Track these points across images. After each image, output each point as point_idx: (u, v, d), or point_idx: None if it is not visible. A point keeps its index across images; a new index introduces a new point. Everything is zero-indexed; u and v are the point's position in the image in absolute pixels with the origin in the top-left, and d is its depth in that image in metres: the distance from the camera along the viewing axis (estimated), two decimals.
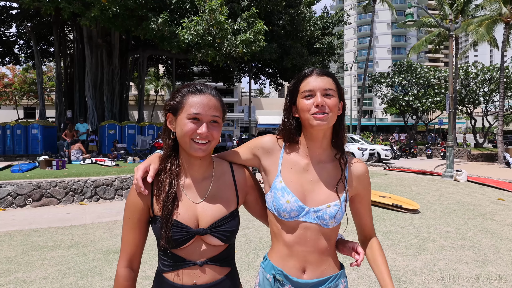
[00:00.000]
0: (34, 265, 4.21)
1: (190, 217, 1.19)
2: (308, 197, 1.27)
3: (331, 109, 1.23)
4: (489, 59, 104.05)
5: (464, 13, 23.56)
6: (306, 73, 1.28)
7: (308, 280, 1.27)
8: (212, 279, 1.21)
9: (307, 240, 1.26)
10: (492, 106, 30.14)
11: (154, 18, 12.41)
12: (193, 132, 1.15)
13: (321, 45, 21.43)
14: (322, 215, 1.24)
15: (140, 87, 22.45)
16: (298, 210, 1.25)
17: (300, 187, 1.27)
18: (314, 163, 1.31)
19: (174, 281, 1.19)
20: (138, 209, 1.21)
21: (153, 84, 41.99)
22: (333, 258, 1.33)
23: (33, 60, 22.46)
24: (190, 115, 1.16)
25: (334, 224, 1.27)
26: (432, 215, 6.53)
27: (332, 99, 1.24)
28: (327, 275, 1.29)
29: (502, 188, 9.35)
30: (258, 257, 4.38)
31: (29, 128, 15.83)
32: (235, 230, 1.24)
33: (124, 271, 1.22)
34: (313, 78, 1.25)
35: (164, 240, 1.15)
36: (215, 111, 1.18)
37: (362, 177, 1.33)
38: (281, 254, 1.30)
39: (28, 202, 7.86)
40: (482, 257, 4.40)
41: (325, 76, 1.26)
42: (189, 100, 1.17)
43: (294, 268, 1.27)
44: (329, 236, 1.29)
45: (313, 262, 1.28)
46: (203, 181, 1.25)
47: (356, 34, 71.56)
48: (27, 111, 37.05)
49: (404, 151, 24.72)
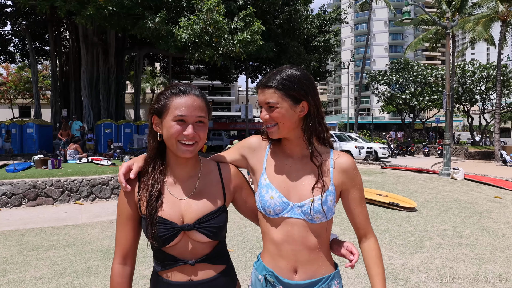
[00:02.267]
0: (29, 265, 4.17)
1: (175, 213, 1.20)
2: (292, 193, 1.26)
3: (277, 120, 1.23)
4: (486, 57, 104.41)
5: (461, 11, 23.61)
6: (257, 85, 1.30)
7: (300, 281, 1.25)
8: (207, 276, 1.22)
9: (295, 237, 1.25)
10: (489, 104, 30.26)
11: (150, 17, 12.34)
12: (179, 134, 1.16)
13: (318, 43, 21.42)
14: (306, 209, 1.23)
15: (136, 85, 22.37)
16: (282, 205, 1.25)
17: (284, 183, 1.28)
18: (296, 159, 1.31)
19: (169, 279, 1.21)
20: (126, 207, 1.23)
21: (150, 83, 41.87)
22: (326, 256, 1.30)
23: (28, 59, 22.34)
24: (175, 117, 1.16)
25: (321, 220, 1.25)
26: (429, 213, 6.54)
27: (275, 111, 1.23)
28: (320, 276, 1.27)
29: (499, 186, 9.38)
30: (255, 256, 4.37)
31: (24, 127, 15.75)
32: (222, 226, 1.24)
33: (118, 268, 1.25)
34: (259, 91, 1.28)
35: (151, 237, 1.17)
36: (200, 112, 1.19)
37: (347, 171, 1.30)
38: (272, 254, 1.29)
39: (24, 201, 7.80)
40: (478, 255, 4.41)
41: (266, 88, 1.24)
42: (173, 102, 1.18)
43: (285, 269, 1.26)
44: (318, 232, 1.27)
45: (303, 261, 1.26)
46: (189, 180, 1.26)
47: (353, 32, 71.60)
48: (22, 110, 36.85)
49: (401, 149, 24.78)
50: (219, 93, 48.99)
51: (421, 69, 30.79)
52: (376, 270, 1.28)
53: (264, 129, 1.31)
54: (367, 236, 1.33)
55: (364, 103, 65.32)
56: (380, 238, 5.04)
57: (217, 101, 49.33)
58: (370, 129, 42.84)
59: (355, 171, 1.32)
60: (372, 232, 1.35)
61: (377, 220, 5.98)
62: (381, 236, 5.13)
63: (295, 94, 1.23)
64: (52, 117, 19.10)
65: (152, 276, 1.29)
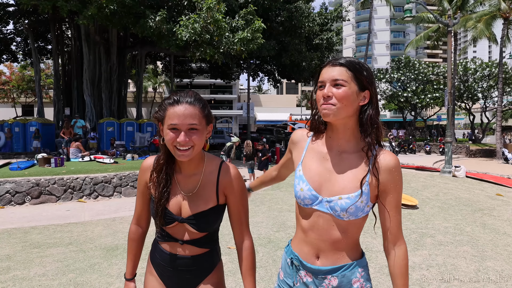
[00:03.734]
0: (33, 262, 4.21)
1: (176, 206, 1.42)
2: (324, 187, 1.26)
3: (339, 100, 1.19)
4: (487, 54, 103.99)
5: (463, 9, 23.52)
6: (324, 63, 1.27)
7: (321, 267, 1.29)
8: (192, 253, 1.45)
9: (319, 228, 1.28)
10: (490, 102, 30.16)
11: (151, 15, 12.35)
12: (173, 141, 1.30)
13: (320, 41, 21.37)
14: (333, 206, 1.24)
15: (138, 84, 22.39)
16: (311, 198, 1.27)
17: (317, 176, 1.28)
18: (335, 153, 1.29)
19: (163, 248, 1.48)
20: (141, 184, 1.51)
21: (152, 81, 41.85)
22: (351, 248, 1.30)
23: (30, 58, 22.34)
24: (169, 126, 1.30)
25: (348, 217, 1.24)
26: (431, 211, 6.55)
27: (341, 89, 1.19)
28: (342, 263, 1.28)
29: (501, 184, 9.37)
30: (257, 253, 4.39)
31: (27, 125, 15.79)
32: (211, 223, 1.42)
33: (133, 227, 1.60)
34: (326, 68, 1.24)
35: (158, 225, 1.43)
36: (191, 119, 1.29)
37: (390, 171, 1.24)
38: (299, 239, 1.36)
39: (27, 199, 7.85)
40: (480, 252, 4.42)
41: (338, 66, 1.22)
42: (168, 112, 1.31)
43: (308, 254, 1.31)
44: (345, 228, 1.26)
45: (325, 251, 1.28)
46: (193, 177, 1.43)
47: (354, 30, 71.40)
48: (25, 109, 36.93)
49: (403, 147, 24.75)
50: (220, 91, 48.93)
51: (423, 67, 30.71)
52: (402, 281, 1.25)
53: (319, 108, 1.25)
54: (397, 244, 1.28)
55: None
56: (382, 236, 5.06)
57: (219, 99, 49.30)
58: None
59: (398, 172, 1.26)
60: (403, 240, 1.29)
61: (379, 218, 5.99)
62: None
63: (363, 79, 1.22)
64: (54, 116, 19.14)
65: (153, 242, 1.55)
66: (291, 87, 61.50)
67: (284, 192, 8.19)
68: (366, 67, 1.24)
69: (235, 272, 3.78)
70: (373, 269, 3.89)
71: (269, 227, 5.50)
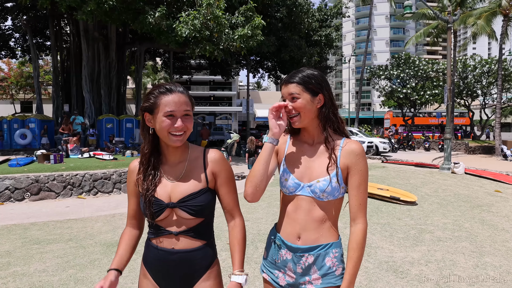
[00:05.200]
0: (33, 258, 4.22)
1: (164, 194, 1.44)
2: (304, 174, 1.49)
3: (299, 109, 1.46)
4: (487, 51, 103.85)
5: (462, 5, 23.45)
6: (282, 81, 1.53)
7: (301, 245, 1.47)
8: (186, 246, 1.45)
9: (302, 209, 1.47)
10: (490, 99, 30.15)
11: (151, 11, 12.29)
12: (170, 127, 1.38)
13: (319, 37, 21.32)
14: (313, 189, 1.46)
15: (137, 80, 22.33)
16: (295, 186, 1.49)
17: (298, 167, 1.51)
18: (311, 145, 1.54)
19: (157, 245, 1.47)
20: (131, 185, 1.54)
21: (151, 78, 41.79)
22: (329, 228, 1.48)
23: (29, 54, 22.27)
24: (166, 113, 1.37)
25: (328, 197, 1.45)
26: (430, 207, 6.57)
27: (298, 101, 1.46)
28: (320, 243, 1.47)
29: (499, 180, 9.40)
30: (257, 249, 4.41)
31: (26, 122, 15.76)
32: (204, 205, 1.43)
33: (127, 229, 1.59)
34: (283, 87, 1.51)
35: (149, 216, 1.43)
36: (185, 106, 1.41)
37: (351, 154, 1.46)
38: (282, 223, 1.55)
39: (26, 196, 7.86)
40: (478, 248, 4.44)
41: (290, 83, 1.48)
42: (162, 100, 1.39)
43: (290, 234, 1.50)
44: (325, 207, 1.47)
45: (307, 229, 1.47)
46: (179, 164, 1.49)
47: (354, 27, 71.22)
48: (24, 105, 36.88)
49: (402, 144, 24.77)
50: (220, 88, 48.87)
51: (422, 63, 30.62)
52: (351, 254, 1.43)
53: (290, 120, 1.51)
54: (356, 221, 1.46)
55: (365, 98, 65.14)
56: (381, 232, 5.08)
57: (218, 96, 49.23)
58: (371, 124, 42.79)
59: (359, 157, 1.46)
60: (362, 218, 1.45)
61: (377, 214, 6.01)
62: (381, 230, 5.17)
63: (313, 87, 1.47)
64: (53, 112, 19.09)
65: (145, 241, 1.55)
66: None
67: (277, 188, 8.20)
68: (315, 75, 1.48)
69: (246, 263, 3.80)
70: (372, 264, 3.91)
71: (268, 223, 5.51)
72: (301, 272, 1.48)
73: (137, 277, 3.60)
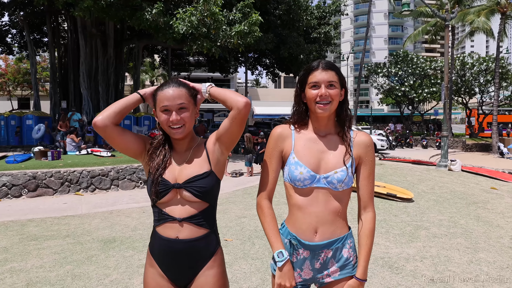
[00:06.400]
0: (30, 255, 4.23)
1: (171, 175, 1.50)
2: (319, 166, 1.50)
3: (333, 98, 1.49)
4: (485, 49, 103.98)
5: (460, 3, 23.45)
6: (313, 66, 1.52)
7: (319, 242, 1.48)
8: (190, 235, 1.47)
9: (319, 201, 1.49)
10: (487, 96, 30.21)
11: (148, 8, 12.24)
12: (167, 121, 1.45)
13: (318, 34, 21.30)
14: (331, 180, 1.47)
15: (135, 77, 22.24)
16: (310, 178, 1.48)
17: (312, 159, 1.51)
18: (321, 136, 1.56)
19: (161, 234, 1.50)
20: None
21: (149, 74, 41.65)
22: (343, 219, 1.53)
23: (26, 50, 22.14)
24: (161, 108, 1.46)
25: (343, 187, 1.49)
26: (426, 204, 6.61)
27: (334, 90, 1.49)
28: (336, 236, 1.50)
29: (495, 177, 9.45)
30: (254, 245, 4.43)
31: (23, 118, 15.71)
32: (208, 188, 1.48)
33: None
34: (319, 71, 1.49)
35: (153, 193, 1.48)
36: (179, 99, 1.45)
37: (363, 145, 1.54)
38: (296, 218, 1.52)
39: (24, 192, 7.85)
40: (473, 244, 4.48)
41: (329, 70, 1.50)
42: (158, 96, 1.47)
43: (307, 231, 1.49)
44: (340, 197, 1.50)
45: (324, 221, 1.48)
46: (186, 152, 1.57)
47: (353, 24, 71.09)
48: (21, 102, 36.66)
49: (400, 141, 24.83)
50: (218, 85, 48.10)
51: (420, 61, 30.64)
52: (365, 241, 1.50)
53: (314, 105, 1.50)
54: (366, 210, 1.54)
55: (363, 95, 65.15)
56: (377, 228, 5.11)
57: None
58: (369, 121, 42.85)
59: (370, 148, 1.56)
60: (372, 207, 1.55)
61: None
62: (378, 226, 5.20)
63: (343, 80, 1.55)
64: (51, 109, 19.03)
65: (152, 232, 1.59)
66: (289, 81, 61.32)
67: (281, 186, 8.20)
68: None
69: (231, 263, 3.82)
70: None
71: None
72: (319, 267, 1.51)
73: (134, 273, 3.63)
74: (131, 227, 5.39)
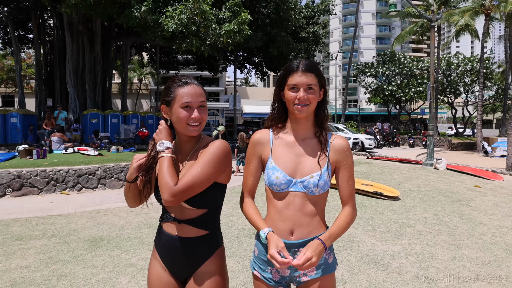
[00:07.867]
0: (14, 255, 4.17)
1: None
2: (296, 170, 1.50)
3: (311, 101, 1.48)
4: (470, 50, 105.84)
5: (447, 4, 23.85)
6: (293, 67, 1.49)
7: (295, 241, 1.49)
8: (190, 235, 1.51)
9: (295, 205, 1.49)
10: (472, 96, 30.79)
11: (137, 5, 12.13)
12: (187, 118, 1.45)
13: (306, 34, 21.40)
14: (307, 184, 1.48)
15: (123, 75, 22.04)
16: (286, 183, 1.49)
17: (289, 164, 1.51)
18: (299, 140, 1.55)
19: (165, 230, 1.56)
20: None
21: (137, 73, 41.26)
22: (320, 221, 1.53)
23: (10, 47, 21.72)
24: (182, 104, 1.45)
25: (319, 192, 1.49)
26: (412, 202, 6.72)
27: (313, 93, 1.48)
28: (312, 236, 1.50)
29: (479, 176, 9.65)
30: (242, 244, 4.45)
31: (7, 116, 15.38)
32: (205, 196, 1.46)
33: None
34: (298, 74, 1.47)
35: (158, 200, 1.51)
36: (201, 97, 1.48)
37: (340, 149, 1.53)
38: (273, 219, 1.54)
39: (8, 191, 7.72)
40: (457, 241, 4.58)
41: (308, 72, 1.47)
42: (179, 92, 1.46)
43: (283, 231, 1.50)
44: (315, 201, 1.51)
45: (299, 224, 1.49)
46: (189, 153, 1.55)
47: (341, 24, 71.59)
48: (5, 100, 35.98)
49: (387, 140, 25.13)
50: (207, 83, 48.53)
51: (407, 61, 31.06)
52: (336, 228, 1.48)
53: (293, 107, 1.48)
54: (347, 204, 1.55)
55: (352, 95, 65.70)
56: (364, 226, 5.18)
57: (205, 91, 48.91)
58: (357, 120, 43.25)
59: (348, 152, 1.55)
60: (351, 204, 1.55)
61: (361, 209, 6.12)
62: (364, 224, 5.27)
63: (323, 81, 1.53)
64: (36, 107, 18.72)
65: (158, 226, 1.64)
66: None
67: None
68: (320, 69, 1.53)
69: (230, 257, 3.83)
70: (354, 257, 3.99)
71: None
72: None
73: (121, 272, 3.61)
74: (119, 226, 5.35)
